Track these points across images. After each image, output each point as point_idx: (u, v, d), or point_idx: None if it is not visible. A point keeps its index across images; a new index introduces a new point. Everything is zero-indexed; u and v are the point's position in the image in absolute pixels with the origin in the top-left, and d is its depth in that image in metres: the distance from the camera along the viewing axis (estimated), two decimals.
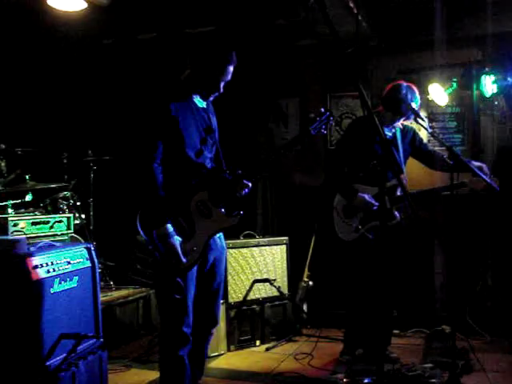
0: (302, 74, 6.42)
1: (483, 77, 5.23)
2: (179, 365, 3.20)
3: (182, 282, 3.14)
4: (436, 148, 5.05)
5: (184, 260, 3.07)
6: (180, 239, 3.08)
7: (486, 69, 5.24)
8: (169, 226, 3.03)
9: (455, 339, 3.88)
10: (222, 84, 3.27)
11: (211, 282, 3.37)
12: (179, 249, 3.06)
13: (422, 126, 4.06)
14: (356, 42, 5.55)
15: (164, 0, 5.41)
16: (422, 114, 5.25)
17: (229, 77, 3.28)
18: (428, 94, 5.49)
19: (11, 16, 5.56)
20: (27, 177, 5.46)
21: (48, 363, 3.12)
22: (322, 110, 3.48)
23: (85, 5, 4.91)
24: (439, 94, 5.47)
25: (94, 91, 6.81)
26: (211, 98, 3.37)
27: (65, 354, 3.26)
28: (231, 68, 3.26)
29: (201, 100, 3.33)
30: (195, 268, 3.20)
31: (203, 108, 3.33)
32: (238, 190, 3.28)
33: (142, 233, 3.09)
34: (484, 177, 3.82)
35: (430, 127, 5.77)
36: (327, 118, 3.49)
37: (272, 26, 5.78)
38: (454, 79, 5.39)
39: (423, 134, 4.73)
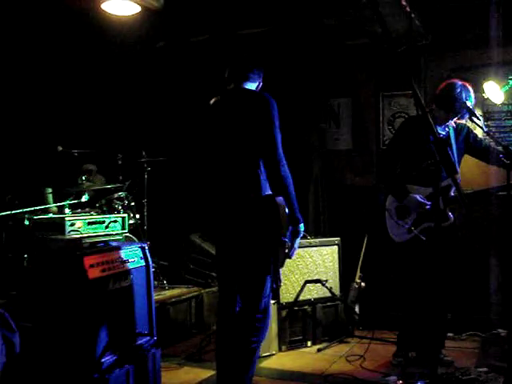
0: (354, 73, 6.36)
1: None
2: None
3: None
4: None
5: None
6: None
7: None
8: None
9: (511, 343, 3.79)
10: None
11: None
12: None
13: (477, 124, 3.97)
14: (409, 41, 5.47)
15: (215, 2, 5.46)
16: (477, 112, 5.15)
17: None
18: (483, 92, 5.36)
19: (68, 22, 5.70)
20: (83, 177, 5.61)
21: (102, 360, 3.20)
22: None
23: (138, 8, 4.99)
24: (495, 92, 5.34)
25: (148, 94, 6.92)
26: None
27: (119, 352, 3.34)
28: None
29: None
30: None
31: None
32: None
33: None
34: None
35: (486, 126, 5.64)
36: None
37: (323, 25, 5.76)
38: (510, 77, 5.27)
39: (478, 133, 4.63)
